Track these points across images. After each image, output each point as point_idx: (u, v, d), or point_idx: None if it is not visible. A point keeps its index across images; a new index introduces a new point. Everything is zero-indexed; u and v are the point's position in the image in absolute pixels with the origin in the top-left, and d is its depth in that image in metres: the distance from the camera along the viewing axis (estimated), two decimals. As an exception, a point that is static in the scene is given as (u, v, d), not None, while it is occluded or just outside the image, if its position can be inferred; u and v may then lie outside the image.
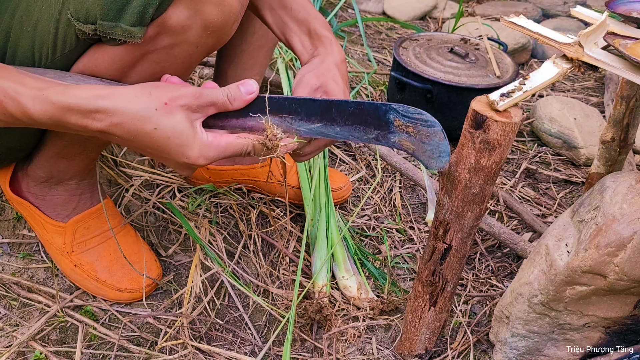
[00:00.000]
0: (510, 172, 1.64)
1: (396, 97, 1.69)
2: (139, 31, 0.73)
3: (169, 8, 0.74)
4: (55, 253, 1.09)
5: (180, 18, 0.75)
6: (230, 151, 0.78)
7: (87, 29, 0.74)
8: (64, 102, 0.71)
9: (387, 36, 2.32)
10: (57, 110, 0.71)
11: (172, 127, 0.72)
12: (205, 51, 0.83)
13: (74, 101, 0.71)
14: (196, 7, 0.75)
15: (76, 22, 0.74)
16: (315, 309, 1.08)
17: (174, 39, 0.77)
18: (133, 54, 0.78)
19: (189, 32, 0.77)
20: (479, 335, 1.12)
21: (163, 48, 0.78)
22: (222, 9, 0.77)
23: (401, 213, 1.42)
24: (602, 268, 0.85)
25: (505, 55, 1.73)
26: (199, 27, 0.77)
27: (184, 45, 0.79)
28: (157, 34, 0.76)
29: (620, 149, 1.27)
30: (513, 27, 0.93)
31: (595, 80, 2.16)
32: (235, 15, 0.80)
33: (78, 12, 0.73)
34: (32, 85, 0.72)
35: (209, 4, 0.76)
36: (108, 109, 0.71)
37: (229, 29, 0.81)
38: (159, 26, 0.75)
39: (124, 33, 0.73)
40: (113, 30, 0.73)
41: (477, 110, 0.78)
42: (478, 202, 0.86)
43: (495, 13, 2.54)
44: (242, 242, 1.24)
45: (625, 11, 0.98)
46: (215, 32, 0.79)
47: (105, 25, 0.73)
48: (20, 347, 0.98)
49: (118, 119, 0.71)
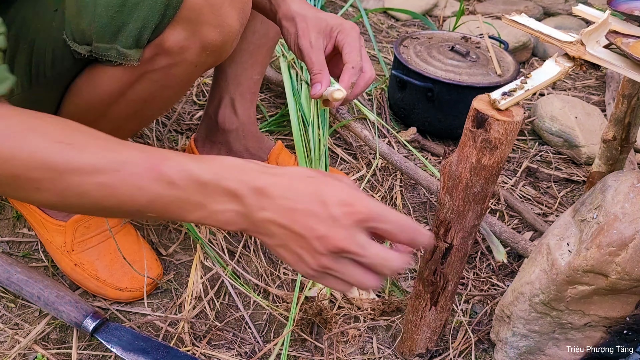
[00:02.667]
0: (511, 171, 1.64)
1: (397, 95, 1.69)
2: (135, 53, 0.72)
3: (166, 30, 0.73)
4: (55, 252, 1.09)
5: (178, 39, 0.74)
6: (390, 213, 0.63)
7: (82, 50, 0.73)
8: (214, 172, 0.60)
9: (387, 34, 2.32)
10: (203, 179, 0.60)
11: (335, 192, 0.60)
12: (204, 69, 0.82)
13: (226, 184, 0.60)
14: (194, 28, 0.74)
15: (72, 43, 0.73)
16: (315, 312, 1.08)
17: (172, 59, 0.76)
18: (131, 74, 0.77)
19: (187, 52, 0.76)
20: (479, 335, 1.12)
21: (161, 68, 0.77)
22: (221, 30, 0.76)
23: (402, 212, 1.42)
24: (604, 267, 0.85)
25: (506, 54, 1.73)
26: (197, 47, 0.76)
27: (183, 65, 0.78)
28: (154, 54, 0.75)
29: (622, 148, 1.27)
30: (514, 26, 0.93)
31: (596, 78, 2.15)
32: (235, 35, 0.79)
33: (74, 33, 0.72)
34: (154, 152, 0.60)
35: (207, 25, 0.74)
36: (274, 190, 0.59)
37: (228, 48, 0.80)
38: (157, 47, 0.74)
39: (119, 55, 0.72)
40: (109, 52, 0.72)
41: (479, 109, 0.78)
42: (479, 202, 0.86)
43: (496, 11, 2.54)
44: (243, 242, 1.24)
45: (627, 9, 0.97)
46: (214, 51, 0.78)
47: (101, 47, 0.72)
48: (21, 349, 0.98)
49: (287, 203, 0.59)
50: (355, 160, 1.56)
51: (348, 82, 0.88)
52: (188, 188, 0.59)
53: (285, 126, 1.56)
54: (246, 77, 1.23)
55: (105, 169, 0.56)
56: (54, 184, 0.55)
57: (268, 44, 1.21)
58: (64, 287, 1.03)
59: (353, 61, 0.89)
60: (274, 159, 1.31)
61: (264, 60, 1.23)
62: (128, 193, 0.58)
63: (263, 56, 1.22)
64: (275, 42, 1.24)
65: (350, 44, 0.90)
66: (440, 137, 1.71)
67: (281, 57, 1.65)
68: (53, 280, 1.03)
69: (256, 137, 1.31)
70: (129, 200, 0.59)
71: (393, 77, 1.68)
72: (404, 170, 1.44)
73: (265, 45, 1.21)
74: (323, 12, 0.94)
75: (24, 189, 0.56)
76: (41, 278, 1.02)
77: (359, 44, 0.91)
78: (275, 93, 1.72)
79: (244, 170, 0.61)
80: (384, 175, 1.51)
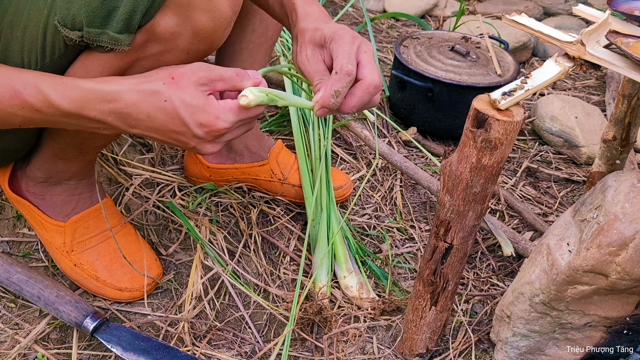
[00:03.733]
0: (511, 171, 1.64)
1: (397, 95, 1.69)
2: (126, 38, 0.72)
3: (156, 14, 0.72)
4: (55, 252, 1.08)
5: (169, 25, 0.74)
6: (246, 113, 0.77)
7: (73, 35, 0.73)
8: (83, 86, 0.72)
9: (387, 34, 2.32)
10: (77, 95, 0.72)
11: (180, 97, 0.73)
12: (197, 57, 0.81)
13: (92, 85, 0.73)
14: (185, 13, 0.74)
15: (63, 29, 0.73)
16: (315, 311, 1.08)
17: (164, 45, 0.76)
18: (123, 61, 0.77)
19: (178, 39, 0.76)
20: (480, 335, 1.12)
21: (153, 55, 0.77)
22: (212, 15, 0.76)
23: (402, 212, 1.42)
24: (604, 267, 0.85)
25: (506, 54, 1.73)
26: (189, 33, 0.76)
27: (175, 52, 0.77)
28: (146, 40, 0.74)
29: (622, 148, 1.27)
30: (514, 26, 0.93)
31: (596, 78, 2.15)
32: (227, 21, 0.79)
33: (65, 19, 0.72)
34: (50, 76, 0.74)
35: (198, 10, 0.74)
36: (121, 90, 0.73)
37: (220, 35, 0.80)
38: (148, 33, 0.74)
39: (110, 40, 0.72)
40: (100, 37, 0.72)
41: (479, 109, 0.78)
42: (479, 201, 0.86)
43: (496, 11, 2.54)
44: (243, 241, 1.24)
45: (627, 9, 0.97)
46: (206, 38, 0.78)
47: (92, 32, 0.72)
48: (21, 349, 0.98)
49: (132, 97, 0.72)
50: (355, 160, 1.56)
51: (329, 90, 0.78)
52: (54, 114, 0.74)
53: (286, 126, 1.56)
54: None
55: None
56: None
57: (267, 43, 1.21)
58: (64, 287, 1.03)
59: (337, 66, 0.78)
60: (274, 158, 1.31)
61: (263, 58, 1.23)
62: (4, 115, 0.73)
63: (262, 55, 1.22)
64: (275, 41, 1.23)
65: (338, 50, 0.80)
66: (440, 137, 1.71)
67: (281, 56, 1.65)
68: (53, 280, 1.03)
69: (256, 136, 1.31)
70: (8, 120, 0.75)
71: (393, 77, 1.68)
72: (404, 170, 1.44)
73: (264, 44, 1.21)
74: (326, 24, 0.85)
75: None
76: (41, 278, 1.02)
77: (350, 48, 0.80)
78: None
79: (101, 99, 0.73)
80: (384, 175, 1.51)
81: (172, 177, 1.33)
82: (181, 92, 0.73)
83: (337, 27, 0.83)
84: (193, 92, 0.73)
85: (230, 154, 1.30)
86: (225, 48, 1.21)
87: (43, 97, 0.72)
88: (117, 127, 0.76)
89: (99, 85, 0.73)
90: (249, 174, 1.31)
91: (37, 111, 0.73)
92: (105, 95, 0.73)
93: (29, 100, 0.72)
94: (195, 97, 0.73)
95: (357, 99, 0.80)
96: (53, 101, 0.72)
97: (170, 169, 1.36)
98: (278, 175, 1.31)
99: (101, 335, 0.98)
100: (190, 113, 0.73)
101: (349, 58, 0.79)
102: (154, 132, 0.76)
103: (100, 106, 0.73)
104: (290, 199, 1.33)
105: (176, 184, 1.32)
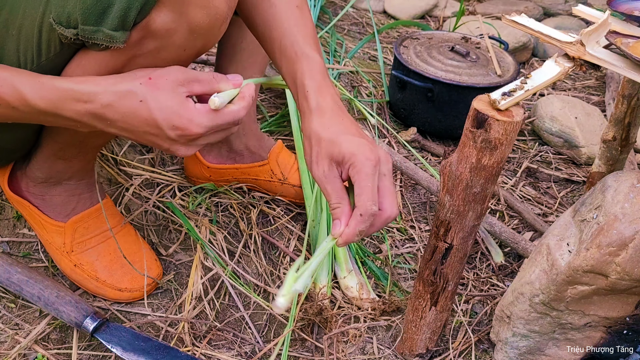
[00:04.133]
0: (511, 171, 1.64)
1: (397, 96, 1.69)
2: (121, 36, 0.72)
3: (152, 11, 0.72)
4: (55, 253, 1.09)
5: (164, 21, 0.74)
6: (222, 119, 0.77)
7: (69, 33, 0.72)
8: (59, 86, 0.73)
9: (387, 34, 2.32)
10: (53, 95, 0.73)
11: (156, 97, 0.73)
12: (194, 54, 0.81)
13: (68, 85, 0.73)
14: (181, 9, 0.73)
15: (58, 27, 0.72)
16: (315, 312, 1.08)
17: (160, 42, 0.76)
18: (119, 58, 0.77)
19: (174, 35, 0.76)
20: (480, 335, 1.12)
21: (149, 52, 0.77)
22: (207, 12, 0.76)
23: (402, 212, 1.42)
24: (604, 268, 0.85)
25: (506, 54, 1.73)
26: (184, 30, 0.75)
27: (171, 49, 0.77)
28: (141, 37, 0.74)
29: (622, 148, 1.27)
30: (514, 26, 0.93)
31: (596, 79, 2.15)
32: (223, 17, 0.79)
33: (60, 16, 0.72)
34: (28, 74, 0.74)
35: (194, 6, 0.74)
36: (97, 91, 0.73)
37: (216, 31, 0.80)
38: (143, 30, 0.73)
39: (106, 38, 0.72)
40: (95, 35, 0.72)
41: (479, 109, 0.78)
42: (479, 202, 0.86)
43: (496, 11, 2.54)
44: (243, 241, 1.24)
45: (627, 10, 0.97)
46: (202, 34, 0.78)
47: (87, 29, 0.71)
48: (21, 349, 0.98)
49: (107, 98, 0.73)
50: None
51: (353, 229, 0.77)
52: (31, 112, 0.74)
53: (286, 126, 1.56)
54: (245, 76, 1.22)
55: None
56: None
57: (268, 44, 1.21)
58: (64, 288, 1.03)
59: (362, 207, 0.76)
60: (274, 158, 1.31)
61: (263, 59, 1.23)
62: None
63: (262, 56, 1.22)
64: (275, 42, 1.23)
65: (360, 184, 0.77)
66: (440, 137, 1.71)
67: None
68: (53, 281, 1.03)
69: (256, 136, 1.31)
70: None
71: (393, 78, 1.68)
72: (404, 171, 1.44)
73: (265, 46, 1.21)
74: (343, 135, 0.81)
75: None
76: (41, 278, 1.02)
77: (373, 181, 0.77)
78: (275, 93, 1.72)
79: (77, 99, 0.73)
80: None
81: (172, 178, 1.34)
82: (158, 92, 0.73)
83: (355, 144, 0.79)
84: (170, 92, 0.74)
85: (231, 154, 1.30)
86: (225, 48, 1.21)
87: (19, 95, 0.73)
88: (94, 127, 0.76)
89: (75, 85, 0.73)
90: (249, 174, 1.32)
91: (14, 109, 0.74)
92: (81, 95, 0.73)
93: (5, 97, 0.73)
94: (171, 98, 0.73)
95: (374, 229, 0.80)
96: (29, 100, 0.73)
97: (170, 169, 1.36)
98: (278, 175, 1.31)
99: (101, 335, 0.98)
100: (164, 115, 0.73)
101: (372, 195, 0.77)
102: (128, 132, 0.76)
103: (75, 106, 0.73)
104: (290, 199, 1.33)
105: (176, 184, 1.32)
